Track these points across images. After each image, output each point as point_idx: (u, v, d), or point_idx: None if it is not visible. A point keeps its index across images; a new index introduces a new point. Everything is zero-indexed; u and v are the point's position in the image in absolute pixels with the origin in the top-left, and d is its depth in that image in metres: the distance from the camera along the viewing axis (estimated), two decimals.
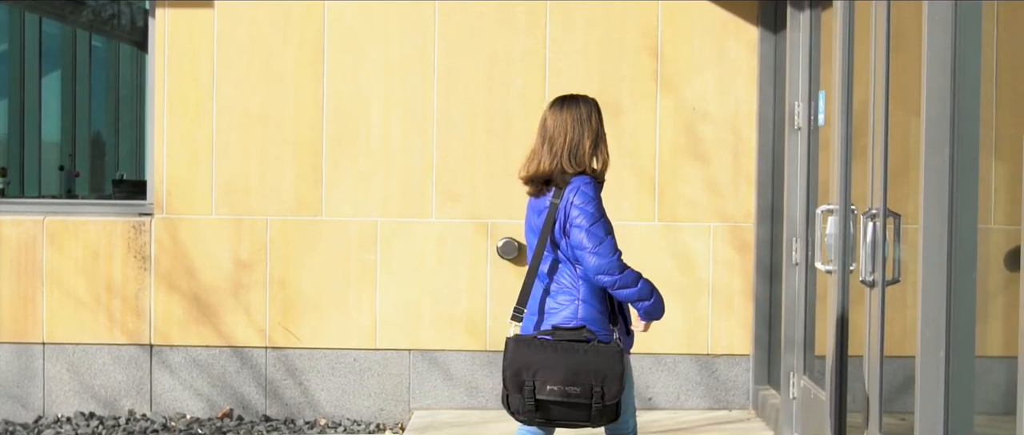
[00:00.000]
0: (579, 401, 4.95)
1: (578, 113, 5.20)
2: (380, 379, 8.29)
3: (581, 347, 4.99)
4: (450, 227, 8.21)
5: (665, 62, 8.15)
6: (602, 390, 4.94)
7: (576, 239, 5.00)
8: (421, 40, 8.20)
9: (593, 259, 4.96)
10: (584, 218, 5.01)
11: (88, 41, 10.36)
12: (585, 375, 4.93)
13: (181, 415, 8.29)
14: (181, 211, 8.28)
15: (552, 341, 5.02)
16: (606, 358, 4.97)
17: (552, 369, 4.95)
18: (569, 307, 5.08)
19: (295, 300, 8.25)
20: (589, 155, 5.18)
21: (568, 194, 5.08)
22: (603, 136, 5.24)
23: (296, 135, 8.23)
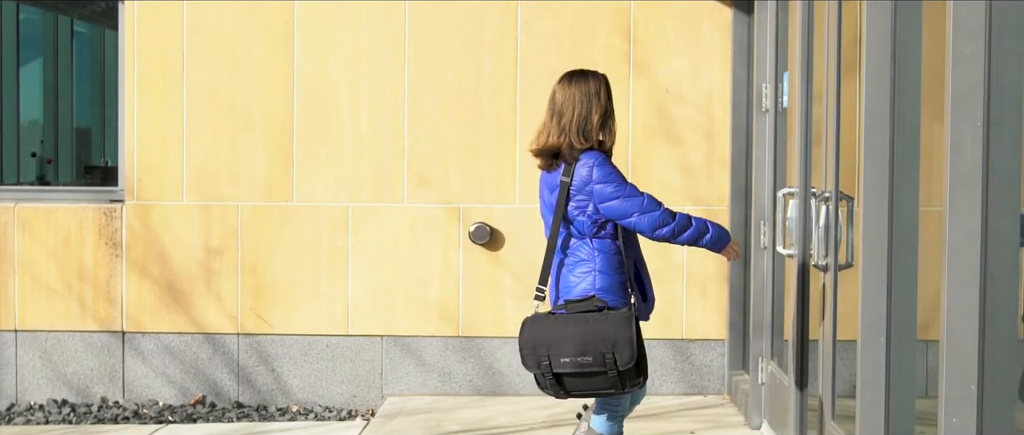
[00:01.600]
0: (594, 370, 4.99)
1: (587, 88, 5.28)
2: (353, 365, 8.24)
3: (591, 317, 5.04)
4: (422, 212, 8.14)
5: (638, 44, 8.05)
6: (614, 356, 4.98)
7: (618, 211, 5.09)
8: (391, 24, 8.13)
9: (644, 219, 5.09)
10: (613, 188, 5.10)
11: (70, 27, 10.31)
12: (595, 343, 4.98)
13: (153, 402, 8.26)
14: (152, 197, 8.24)
15: (564, 315, 5.10)
16: (615, 324, 5.01)
17: (564, 342, 5.02)
18: (586, 279, 5.15)
19: (266, 286, 8.20)
20: (597, 129, 5.24)
21: (579, 170, 5.14)
22: (611, 111, 5.31)
23: (266, 120, 8.18)
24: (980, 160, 3.74)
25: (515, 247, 8.10)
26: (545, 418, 7.55)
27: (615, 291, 5.17)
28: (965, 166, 3.78)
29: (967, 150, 3.77)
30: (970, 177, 3.76)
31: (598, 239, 5.20)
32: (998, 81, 3.72)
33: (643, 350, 5.16)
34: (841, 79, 5.42)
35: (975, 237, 3.76)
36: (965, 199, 3.78)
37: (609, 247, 5.21)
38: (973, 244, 3.77)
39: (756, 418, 7.26)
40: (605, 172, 5.14)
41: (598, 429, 5.39)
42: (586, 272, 5.17)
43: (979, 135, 3.74)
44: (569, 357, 5.01)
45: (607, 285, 5.15)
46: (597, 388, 5.13)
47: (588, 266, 5.17)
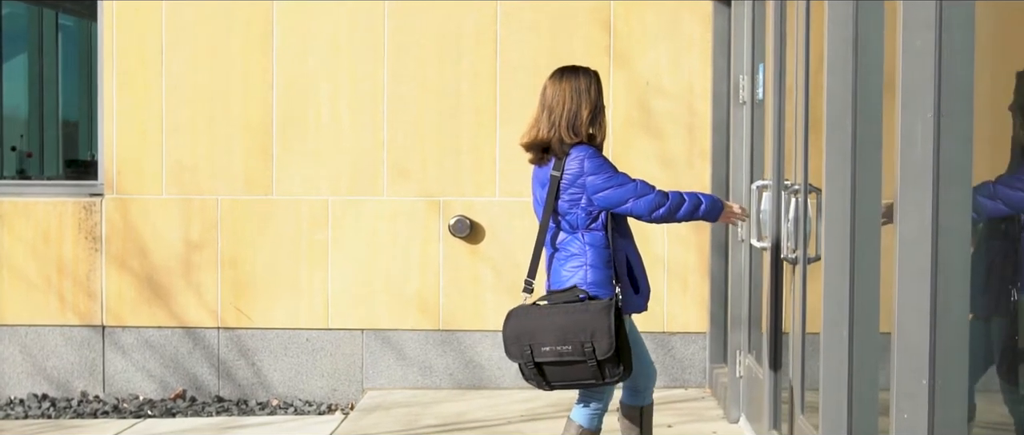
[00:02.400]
0: (574, 359, 5.02)
1: (577, 84, 5.26)
2: (333, 359, 8.22)
3: (572, 307, 5.06)
4: (401, 205, 8.12)
5: (617, 36, 8.01)
6: (593, 346, 4.99)
7: (612, 199, 5.13)
8: (370, 17, 8.10)
9: (640, 203, 5.13)
10: (605, 178, 5.13)
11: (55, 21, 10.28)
12: (574, 332, 5.00)
13: (134, 396, 8.25)
14: (131, 191, 8.22)
15: (547, 305, 5.12)
16: (594, 314, 5.01)
17: (545, 331, 5.05)
18: (578, 273, 5.17)
19: (246, 280, 8.19)
20: (586, 125, 5.24)
21: (569, 163, 5.16)
22: (602, 108, 5.31)
23: (245, 114, 8.16)
24: (931, 154, 3.70)
25: (495, 240, 8.07)
26: (522, 411, 7.53)
27: (605, 285, 5.18)
28: (916, 160, 3.74)
29: (918, 144, 3.74)
30: (921, 171, 3.72)
31: (589, 233, 5.21)
32: (949, 74, 3.68)
33: (624, 341, 5.13)
34: (810, 73, 5.38)
35: (926, 231, 3.72)
36: (916, 193, 3.74)
37: (600, 241, 5.22)
38: (924, 238, 3.73)
39: (734, 412, 7.23)
40: (596, 164, 5.16)
41: (577, 419, 5.38)
42: (578, 267, 5.19)
43: (930, 128, 3.70)
44: (550, 346, 5.05)
45: (598, 279, 5.16)
46: (578, 378, 5.14)
47: (579, 260, 5.19)
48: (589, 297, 5.11)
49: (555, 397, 7.75)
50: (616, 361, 5.08)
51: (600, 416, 5.44)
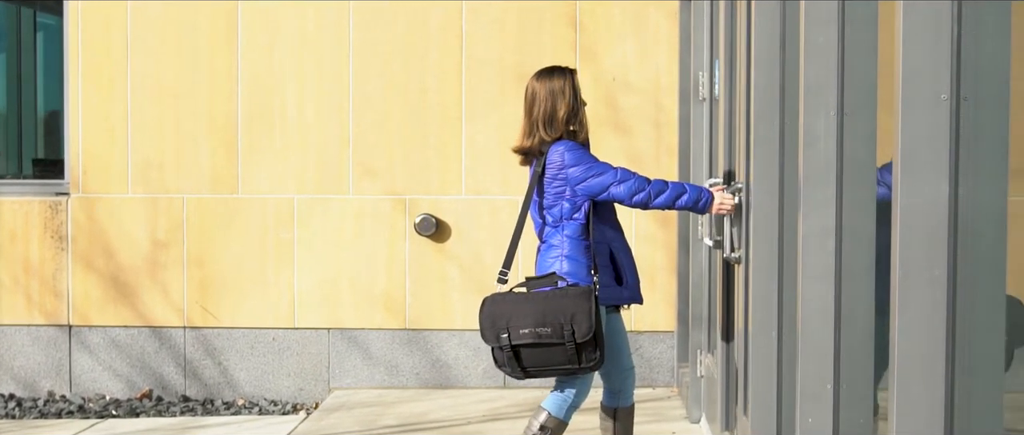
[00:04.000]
0: (552, 341, 5.04)
1: (552, 85, 5.33)
2: (300, 358, 8.18)
3: (551, 292, 5.11)
4: (367, 203, 8.06)
5: (584, 32, 7.94)
6: (572, 328, 5.02)
7: (595, 187, 5.18)
8: (335, 13, 8.04)
9: (621, 188, 5.18)
10: (585, 168, 5.19)
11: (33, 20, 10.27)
12: (554, 314, 5.04)
13: (101, 396, 8.22)
14: (97, 190, 8.19)
15: (524, 292, 5.16)
16: (574, 297, 5.06)
17: (524, 315, 5.08)
18: (555, 263, 5.22)
19: (213, 279, 8.15)
20: (563, 124, 5.30)
21: (551, 158, 5.22)
22: (578, 108, 5.35)
23: (211, 111, 8.12)
24: (834, 152, 3.63)
25: (462, 239, 8.01)
26: (484, 411, 7.47)
27: (580, 275, 5.21)
28: (819, 159, 3.66)
29: (821, 142, 3.66)
30: (824, 170, 3.65)
31: (569, 223, 5.26)
32: (852, 71, 3.60)
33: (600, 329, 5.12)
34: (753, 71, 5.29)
35: (830, 231, 3.65)
36: (819, 192, 3.67)
37: (577, 231, 5.27)
38: (828, 238, 3.65)
39: (696, 412, 7.15)
40: (575, 155, 5.21)
41: (547, 407, 5.37)
42: (555, 257, 5.25)
43: (833, 127, 3.62)
44: (528, 328, 5.08)
45: (573, 269, 5.19)
46: (555, 362, 5.14)
47: (557, 251, 5.25)
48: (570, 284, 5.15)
49: (519, 397, 7.71)
50: (594, 346, 5.09)
51: (572, 408, 5.40)
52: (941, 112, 2.61)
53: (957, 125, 2.60)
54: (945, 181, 2.62)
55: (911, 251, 2.68)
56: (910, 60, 2.63)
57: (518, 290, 5.20)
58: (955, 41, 2.59)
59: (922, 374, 2.65)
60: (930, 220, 2.63)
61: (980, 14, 2.62)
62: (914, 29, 2.63)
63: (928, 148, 2.62)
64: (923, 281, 2.66)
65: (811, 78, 3.64)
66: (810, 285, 3.69)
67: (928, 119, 2.62)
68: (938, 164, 2.61)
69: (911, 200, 2.64)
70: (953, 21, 2.60)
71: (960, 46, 2.60)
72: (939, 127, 2.61)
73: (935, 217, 2.63)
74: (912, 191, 2.65)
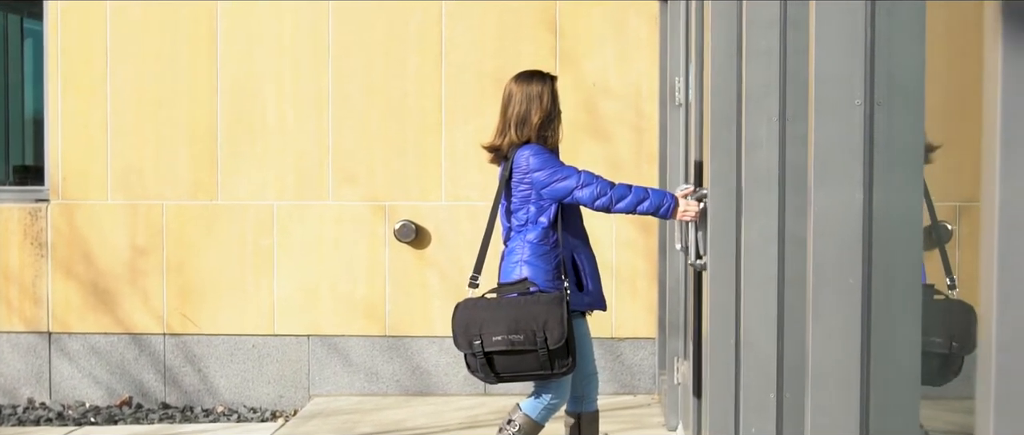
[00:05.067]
0: (525, 348, 5.06)
1: (530, 89, 5.36)
2: (280, 365, 8.14)
3: (523, 299, 5.13)
4: (347, 210, 8.03)
5: (564, 37, 7.89)
6: (544, 335, 5.04)
7: (559, 191, 5.19)
8: (314, 18, 8.01)
9: (584, 192, 5.19)
10: (549, 172, 5.20)
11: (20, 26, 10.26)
12: (526, 321, 5.06)
13: (80, 403, 8.20)
14: (77, 196, 8.17)
15: (496, 298, 5.19)
16: (546, 304, 5.08)
17: (496, 322, 5.11)
18: (516, 268, 5.25)
19: (192, 286, 8.12)
20: (536, 129, 5.31)
21: (517, 162, 5.24)
22: (554, 116, 5.37)
23: (191, 117, 8.09)
24: (776, 159, 3.57)
25: (441, 245, 7.97)
26: (463, 419, 7.43)
27: (542, 280, 5.21)
28: (760, 165, 3.61)
29: (763, 148, 3.61)
30: (766, 176, 3.60)
31: (532, 228, 5.26)
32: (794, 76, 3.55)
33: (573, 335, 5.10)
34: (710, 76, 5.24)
35: (772, 238, 3.60)
36: (761, 198, 3.61)
37: (538, 236, 5.28)
38: (770, 245, 3.60)
39: (673, 419, 7.09)
40: (541, 159, 5.22)
41: (526, 410, 5.36)
42: (516, 262, 5.26)
43: (775, 132, 3.57)
44: (501, 335, 5.09)
45: (532, 275, 5.20)
46: (527, 368, 5.17)
47: (518, 256, 5.25)
48: (540, 290, 5.16)
49: (499, 405, 7.65)
50: (565, 352, 5.10)
51: (548, 411, 5.39)
52: (855, 117, 2.56)
53: (871, 131, 2.55)
54: (859, 188, 2.57)
55: (826, 258, 2.63)
56: (823, 64, 2.58)
57: (490, 296, 5.20)
58: (869, 45, 2.54)
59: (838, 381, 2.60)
60: (844, 227, 2.58)
61: (894, 17, 2.57)
62: (827, 32, 2.58)
63: (842, 154, 2.57)
64: (838, 289, 2.61)
65: (752, 83, 3.59)
66: (752, 292, 3.63)
67: (842, 125, 2.57)
68: (852, 170, 2.57)
69: (825, 207, 2.59)
70: (867, 24, 2.55)
71: (874, 50, 2.55)
72: (853, 133, 2.56)
73: (849, 224, 2.58)
74: (826, 198, 2.60)
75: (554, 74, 5.48)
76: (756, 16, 3.59)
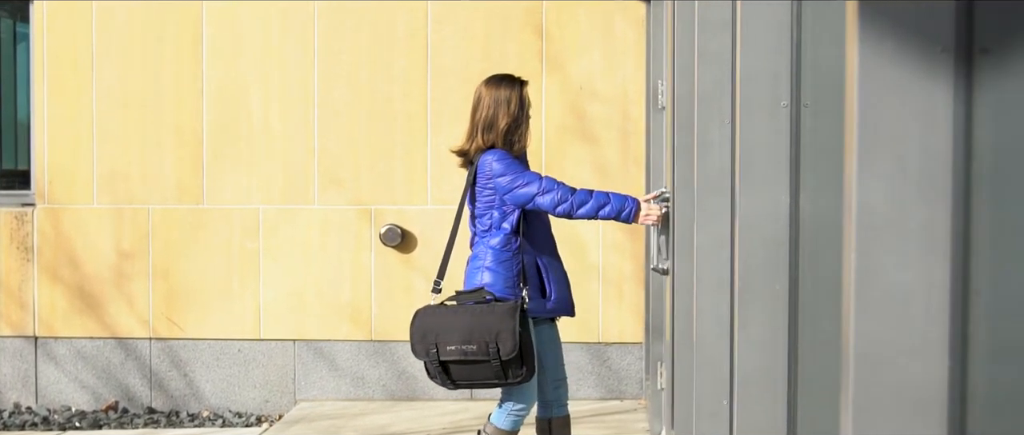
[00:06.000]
0: (478, 358, 5.06)
1: (498, 94, 5.32)
2: (265, 370, 8.11)
3: (479, 308, 5.10)
4: (333, 214, 8.00)
5: (550, 40, 7.85)
6: (497, 346, 5.02)
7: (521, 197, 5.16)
8: (300, 22, 7.98)
9: (545, 198, 5.15)
10: (512, 177, 5.18)
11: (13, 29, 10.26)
12: (479, 332, 5.05)
13: (67, 408, 8.18)
14: (63, 201, 8.16)
15: (454, 305, 5.17)
16: (499, 315, 5.05)
17: (451, 330, 5.10)
18: (477, 274, 5.24)
19: (178, 290, 8.09)
20: (503, 134, 5.28)
21: (482, 167, 5.23)
22: (523, 120, 5.33)
23: (177, 121, 8.07)
24: (727, 161, 3.52)
25: (427, 249, 7.93)
26: (446, 424, 7.39)
27: (502, 286, 5.19)
28: (712, 167, 3.56)
29: (714, 150, 3.56)
30: (717, 179, 3.55)
31: (495, 234, 5.25)
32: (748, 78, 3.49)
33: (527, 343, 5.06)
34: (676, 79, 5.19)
35: (725, 242, 3.54)
36: (713, 202, 3.56)
37: (501, 243, 5.26)
38: (723, 248, 3.55)
39: (657, 424, 7.04)
40: (504, 165, 5.19)
41: (494, 421, 5.34)
42: (477, 268, 5.24)
43: (727, 135, 3.52)
44: (455, 345, 5.08)
45: (493, 281, 5.18)
46: (482, 377, 5.17)
47: (480, 262, 5.24)
48: (495, 299, 5.14)
49: (484, 410, 7.59)
50: (519, 363, 5.08)
51: (515, 418, 5.36)
52: (781, 119, 2.51)
53: (797, 133, 2.50)
54: (785, 191, 2.52)
55: (752, 263, 2.58)
56: (749, 65, 2.53)
57: (449, 304, 5.15)
58: (795, 46, 2.49)
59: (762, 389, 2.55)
60: (770, 231, 2.53)
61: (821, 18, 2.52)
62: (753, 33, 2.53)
63: (768, 156, 2.52)
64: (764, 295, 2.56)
65: (704, 85, 3.54)
66: (705, 297, 3.58)
67: (768, 126, 2.52)
68: (778, 173, 2.52)
69: (751, 210, 2.54)
70: (793, 25, 2.50)
71: (800, 51, 2.50)
72: (779, 134, 2.52)
73: (775, 228, 2.53)
74: (752, 201, 2.55)
75: (524, 79, 5.41)
76: (707, 17, 3.54)
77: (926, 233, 1.59)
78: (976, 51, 1.54)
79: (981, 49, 1.54)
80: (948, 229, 1.58)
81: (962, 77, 1.55)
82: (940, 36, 1.54)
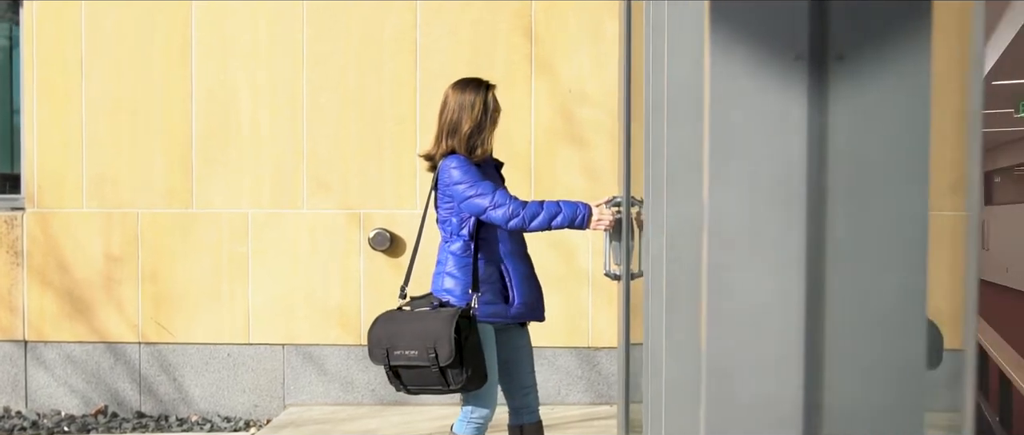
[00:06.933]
0: (420, 364, 5.06)
1: (463, 98, 5.29)
2: (255, 374, 8.08)
3: (425, 313, 5.11)
4: (322, 218, 7.96)
5: (539, 43, 7.80)
6: (435, 352, 5.01)
7: (474, 208, 5.12)
8: (289, 24, 7.96)
9: (497, 213, 5.09)
10: (467, 186, 5.13)
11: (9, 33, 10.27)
12: (421, 338, 5.04)
13: (56, 412, 8.17)
14: (52, 205, 8.15)
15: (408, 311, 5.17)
16: (439, 321, 5.03)
17: (399, 336, 5.09)
18: (438, 279, 5.23)
19: (167, 294, 8.07)
20: (465, 139, 5.23)
21: (442, 173, 5.19)
22: (485, 126, 5.27)
23: (165, 125, 8.05)
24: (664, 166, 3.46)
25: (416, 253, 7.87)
26: (434, 429, 7.34)
27: (461, 292, 5.17)
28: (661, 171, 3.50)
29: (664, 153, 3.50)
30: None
31: (455, 239, 5.21)
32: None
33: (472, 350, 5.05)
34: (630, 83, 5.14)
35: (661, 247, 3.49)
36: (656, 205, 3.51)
37: (460, 249, 5.22)
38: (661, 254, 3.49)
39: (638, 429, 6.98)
40: (462, 172, 5.15)
41: (457, 430, 5.29)
42: (438, 273, 5.24)
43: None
44: (400, 350, 5.10)
45: (453, 286, 5.16)
46: (427, 383, 5.15)
47: (442, 267, 5.23)
48: (441, 304, 5.13)
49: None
50: (460, 369, 5.05)
51: (476, 425, 5.32)
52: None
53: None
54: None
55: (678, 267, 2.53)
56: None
57: (406, 309, 5.16)
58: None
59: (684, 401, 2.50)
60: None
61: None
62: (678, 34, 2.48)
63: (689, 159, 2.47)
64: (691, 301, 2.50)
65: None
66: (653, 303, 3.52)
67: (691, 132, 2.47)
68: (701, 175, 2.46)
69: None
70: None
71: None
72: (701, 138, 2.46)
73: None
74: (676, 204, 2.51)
75: (492, 83, 5.36)
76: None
77: (780, 245, 1.54)
78: (831, 58, 1.49)
79: (837, 55, 1.49)
80: (803, 241, 1.53)
81: (817, 84, 1.50)
82: (794, 42, 1.49)
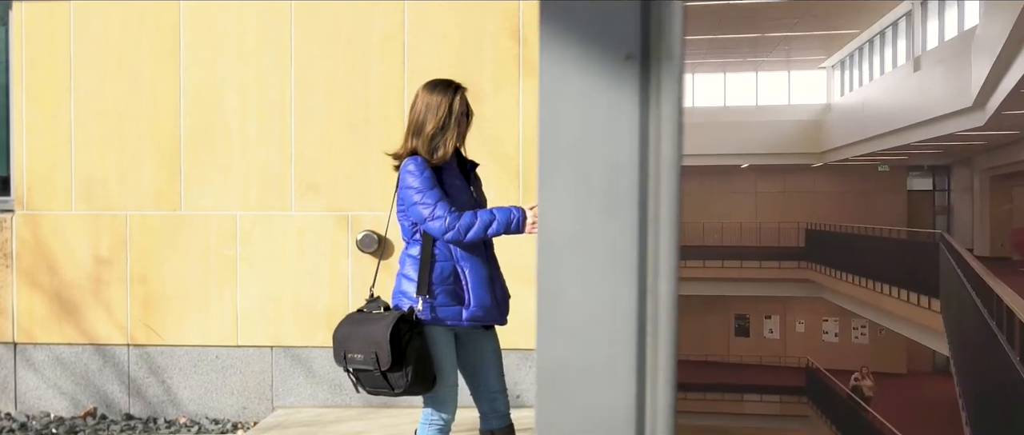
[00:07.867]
0: (367, 368, 5.06)
1: (429, 99, 5.23)
2: (243, 376, 8.07)
3: (373, 316, 5.10)
4: (310, 220, 7.95)
5: (527, 45, 7.76)
6: (376, 356, 5.01)
7: (417, 215, 5.09)
8: (277, 27, 7.94)
9: (434, 224, 5.05)
10: (415, 192, 5.10)
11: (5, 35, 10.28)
12: (366, 342, 5.04)
13: (45, 414, 8.17)
14: (41, 207, 8.15)
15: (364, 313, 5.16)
16: (379, 325, 5.02)
17: (351, 339, 5.10)
18: (397, 280, 5.22)
19: (156, 296, 8.07)
20: (428, 140, 5.16)
21: (401, 174, 5.18)
22: (449, 127, 5.17)
23: (154, 128, 8.05)
24: None
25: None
26: None
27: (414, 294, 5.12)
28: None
29: None
30: None
31: (412, 243, 5.19)
32: None
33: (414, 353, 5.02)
34: None
35: None
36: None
37: (417, 251, 5.15)
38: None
39: None
40: (414, 177, 5.12)
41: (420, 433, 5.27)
42: (399, 276, 5.20)
43: None
44: (352, 354, 5.10)
45: (407, 288, 5.12)
46: (377, 386, 5.14)
47: (401, 268, 5.20)
48: (387, 307, 5.11)
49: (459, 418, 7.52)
50: (402, 373, 5.03)
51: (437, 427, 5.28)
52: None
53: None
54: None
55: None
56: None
57: (365, 310, 5.16)
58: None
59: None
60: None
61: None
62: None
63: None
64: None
65: None
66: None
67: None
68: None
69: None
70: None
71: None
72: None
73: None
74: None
75: (463, 85, 5.29)
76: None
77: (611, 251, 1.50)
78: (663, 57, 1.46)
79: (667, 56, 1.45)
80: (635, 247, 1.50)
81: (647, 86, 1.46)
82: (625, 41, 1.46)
